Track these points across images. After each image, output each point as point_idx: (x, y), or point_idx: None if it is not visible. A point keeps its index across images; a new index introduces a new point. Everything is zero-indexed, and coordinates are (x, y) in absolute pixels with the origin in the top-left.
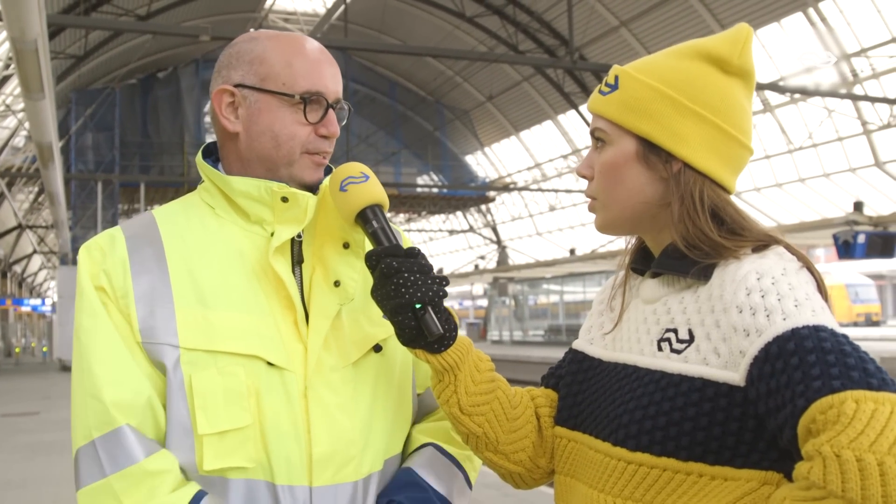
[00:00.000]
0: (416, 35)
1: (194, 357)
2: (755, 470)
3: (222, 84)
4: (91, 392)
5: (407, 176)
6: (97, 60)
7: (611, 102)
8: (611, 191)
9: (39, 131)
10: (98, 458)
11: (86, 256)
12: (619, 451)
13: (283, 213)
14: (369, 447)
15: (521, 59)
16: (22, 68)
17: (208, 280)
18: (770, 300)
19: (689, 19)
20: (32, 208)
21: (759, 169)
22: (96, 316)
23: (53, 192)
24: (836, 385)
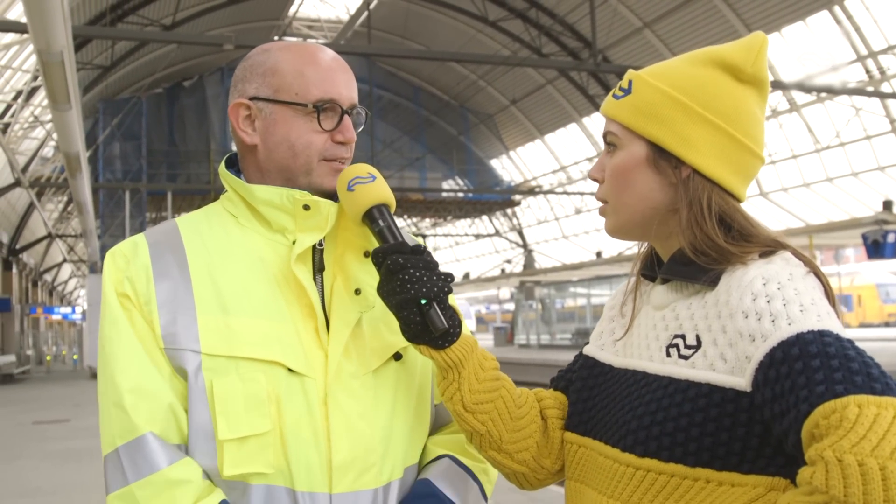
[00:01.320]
0: (439, 40)
1: (215, 363)
2: (762, 476)
3: (238, 98)
4: (114, 400)
5: (432, 181)
6: (124, 70)
7: (623, 106)
8: (620, 195)
9: (67, 142)
10: (122, 465)
11: (110, 263)
12: (628, 458)
13: (304, 221)
14: (389, 455)
15: (545, 62)
16: (49, 80)
17: (230, 287)
18: (776, 305)
19: (713, 20)
20: (62, 217)
21: (787, 169)
22: (118, 324)
23: (82, 201)
24: (840, 390)
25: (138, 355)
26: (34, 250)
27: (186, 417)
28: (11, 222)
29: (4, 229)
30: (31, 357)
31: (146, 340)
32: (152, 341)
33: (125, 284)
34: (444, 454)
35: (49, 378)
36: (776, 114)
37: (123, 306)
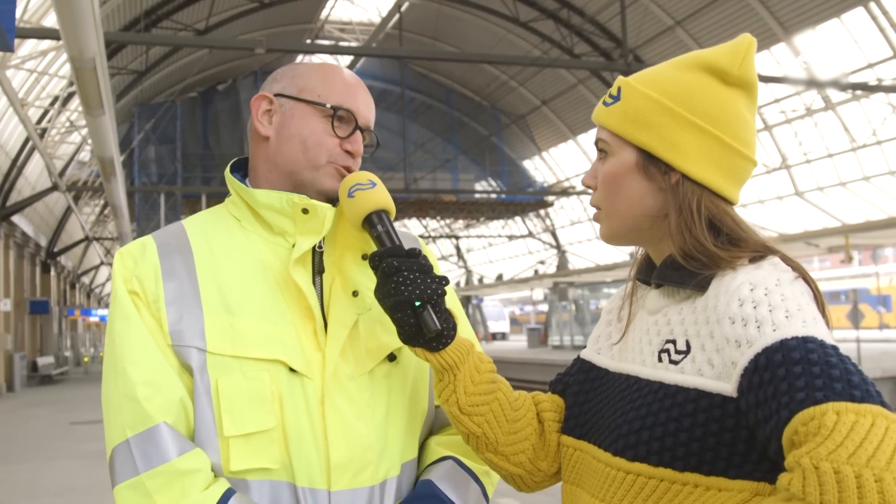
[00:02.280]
0: (470, 41)
1: (220, 361)
2: (748, 481)
3: (263, 92)
4: (125, 392)
5: (465, 182)
6: (158, 75)
7: (612, 114)
8: (612, 201)
9: (101, 146)
10: (132, 456)
11: (119, 263)
12: (619, 462)
13: (303, 225)
14: (386, 453)
15: (575, 63)
16: (81, 86)
17: (233, 288)
18: (761, 311)
19: (746, 18)
20: (98, 221)
21: (823, 168)
22: (129, 319)
23: (117, 205)
24: (819, 397)
25: (150, 349)
26: (72, 253)
27: (194, 412)
28: (49, 226)
29: (43, 233)
30: (69, 358)
31: (156, 336)
32: (161, 337)
33: (134, 282)
34: (448, 455)
35: (86, 379)
36: (811, 112)
37: (134, 303)
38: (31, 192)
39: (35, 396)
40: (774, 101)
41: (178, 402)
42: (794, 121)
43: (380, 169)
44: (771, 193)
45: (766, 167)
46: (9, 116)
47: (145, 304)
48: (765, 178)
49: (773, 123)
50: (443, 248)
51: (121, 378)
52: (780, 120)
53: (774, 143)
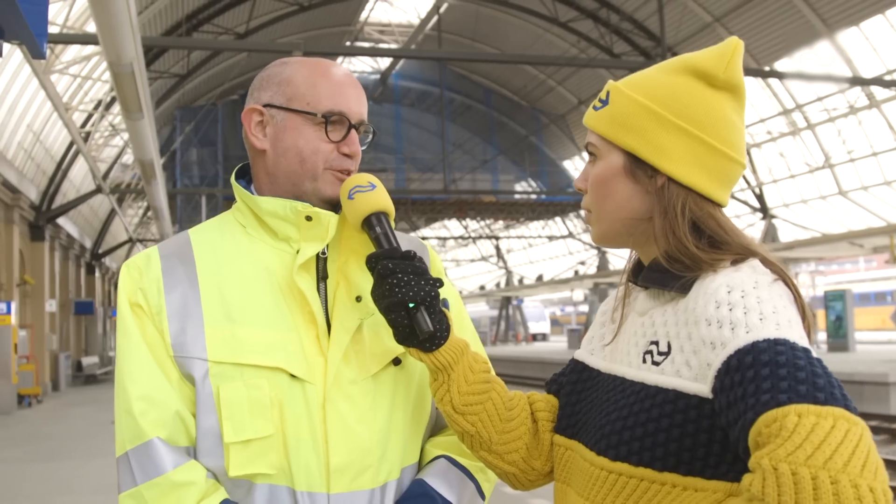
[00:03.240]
0: (509, 41)
1: (222, 370)
2: (723, 481)
3: (252, 104)
4: (124, 407)
5: (504, 183)
6: (200, 78)
7: (601, 117)
8: (601, 204)
9: (140, 149)
10: (131, 468)
11: (125, 275)
12: (603, 461)
13: (307, 232)
14: (386, 457)
15: (614, 62)
16: (121, 90)
17: (236, 296)
18: (736, 313)
19: (787, 14)
20: (142, 222)
21: (867, 166)
22: (128, 335)
23: (157, 207)
24: (783, 399)
25: (147, 364)
26: (116, 255)
27: (194, 421)
28: (94, 228)
29: (87, 234)
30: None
31: (156, 349)
32: (162, 349)
33: (138, 295)
34: (441, 455)
35: None
36: (854, 110)
37: (136, 315)
38: (76, 195)
39: (79, 395)
40: (817, 100)
41: (174, 415)
42: (838, 119)
43: (419, 170)
44: (814, 193)
45: (808, 166)
46: (53, 121)
47: (148, 316)
48: (808, 177)
49: (815, 122)
50: (483, 248)
51: (121, 393)
52: (823, 118)
53: (817, 142)
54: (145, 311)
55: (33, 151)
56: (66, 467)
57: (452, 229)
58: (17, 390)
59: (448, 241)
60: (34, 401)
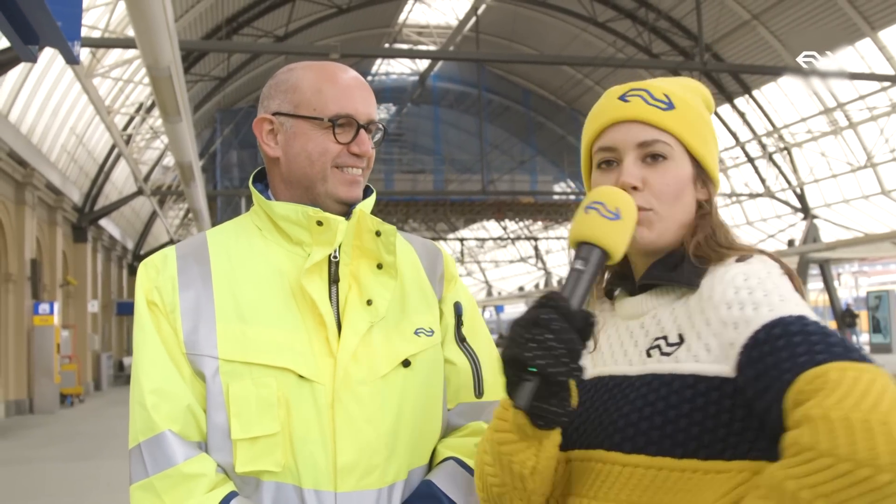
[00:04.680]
0: (546, 42)
1: (232, 368)
2: (745, 461)
3: (262, 114)
4: (138, 400)
5: (543, 183)
6: (239, 81)
7: (675, 120)
8: (671, 207)
9: (179, 152)
10: (143, 459)
11: (143, 274)
12: (615, 456)
13: (318, 236)
14: (394, 457)
15: (651, 62)
16: (159, 94)
17: (249, 297)
18: (757, 295)
19: (829, 12)
20: (182, 224)
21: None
22: (145, 330)
23: (197, 209)
24: (820, 359)
25: (161, 359)
26: None
27: (205, 417)
28: (136, 229)
29: (129, 236)
30: None
31: (170, 345)
32: (176, 346)
33: (154, 293)
34: (450, 456)
35: None
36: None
37: (152, 313)
38: (118, 197)
39: (120, 395)
40: (859, 98)
41: (186, 409)
42: (880, 118)
43: (457, 171)
44: (856, 192)
45: (850, 166)
46: (96, 124)
47: (163, 314)
48: (850, 176)
49: (857, 121)
50: (522, 249)
51: (135, 386)
52: (864, 117)
53: (859, 141)
54: (160, 309)
55: (76, 154)
56: (106, 466)
57: (491, 230)
58: (59, 390)
59: (487, 243)
60: (76, 400)
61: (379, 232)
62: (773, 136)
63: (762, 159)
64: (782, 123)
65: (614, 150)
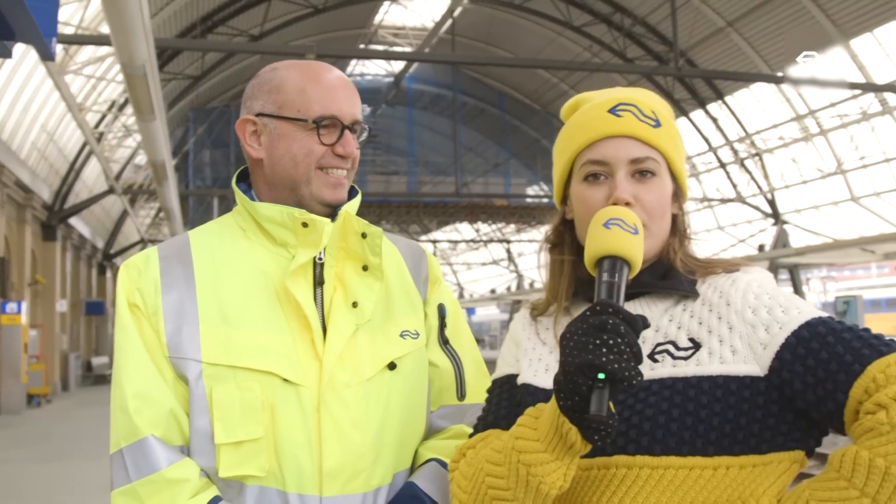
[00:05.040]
0: (522, 45)
1: (215, 371)
2: (781, 452)
3: (245, 114)
4: (120, 405)
5: (516, 186)
6: (214, 80)
7: (663, 137)
8: (659, 223)
9: (152, 151)
10: (125, 465)
11: (124, 275)
12: (643, 460)
13: (304, 238)
14: (380, 461)
15: (626, 67)
16: (133, 92)
17: (232, 299)
18: (780, 299)
19: (801, 19)
20: (154, 223)
21: (879, 172)
22: (126, 333)
23: (169, 208)
24: (884, 350)
25: (144, 362)
26: (127, 255)
27: (188, 421)
28: (106, 228)
29: (99, 235)
30: None
31: (152, 348)
32: (158, 349)
33: (136, 295)
34: (433, 458)
35: None
36: (867, 116)
37: (133, 315)
38: (89, 195)
39: (89, 396)
40: (830, 105)
41: (168, 413)
42: (850, 125)
43: (431, 172)
44: (826, 199)
45: (821, 172)
46: (67, 121)
47: (145, 316)
48: (820, 183)
49: (828, 128)
50: (494, 252)
51: (117, 390)
52: (835, 124)
53: (830, 148)
54: (142, 311)
55: (46, 151)
56: (73, 467)
57: (464, 232)
58: (26, 390)
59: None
60: (43, 400)
61: (365, 234)
62: (744, 141)
63: (734, 165)
64: (754, 129)
65: (605, 165)
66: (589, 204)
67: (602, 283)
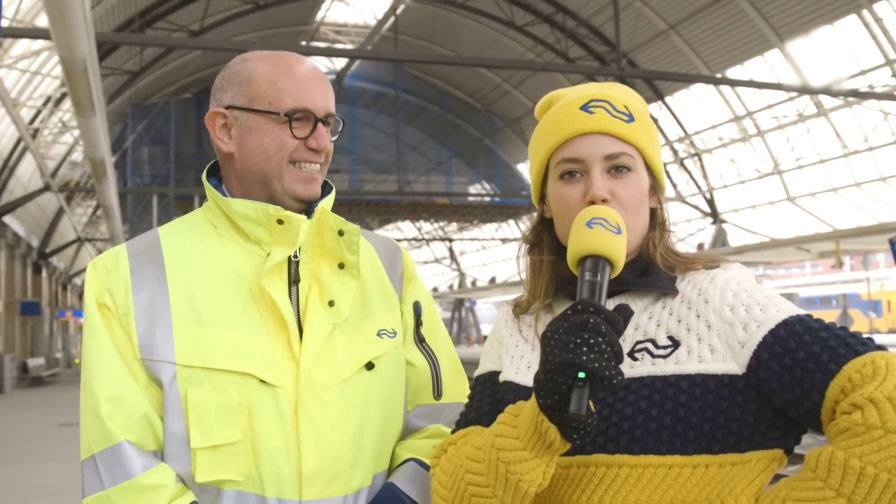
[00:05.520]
0: (465, 44)
1: (190, 373)
2: (762, 450)
3: (215, 107)
4: (91, 409)
5: (458, 185)
6: (152, 76)
7: (637, 132)
8: (636, 219)
9: (92, 147)
10: (98, 471)
11: (92, 274)
12: (622, 458)
13: (279, 235)
14: (359, 463)
15: (568, 67)
16: (72, 87)
17: (206, 298)
18: (758, 297)
19: (740, 22)
20: (91, 222)
21: (814, 174)
22: (97, 334)
23: (108, 206)
24: (860, 349)
25: (116, 365)
26: (63, 254)
27: (162, 425)
28: (41, 226)
29: (34, 233)
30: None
31: (124, 350)
32: (130, 351)
33: (105, 295)
34: (411, 458)
35: (77, 381)
36: (803, 118)
37: (103, 316)
38: (23, 193)
39: (25, 398)
40: (767, 107)
41: (142, 417)
42: (787, 126)
43: (373, 171)
44: (763, 199)
45: (758, 172)
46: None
47: (115, 317)
48: (757, 183)
49: (765, 129)
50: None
51: (88, 394)
52: (772, 126)
53: (767, 149)
54: (112, 312)
55: None
56: (13, 472)
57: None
58: None
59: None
60: None
61: (342, 231)
62: (684, 141)
63: (674, 164)
64: (694, 130)
65: (580, 162)
66: (566, 202)
67: (584, 283)
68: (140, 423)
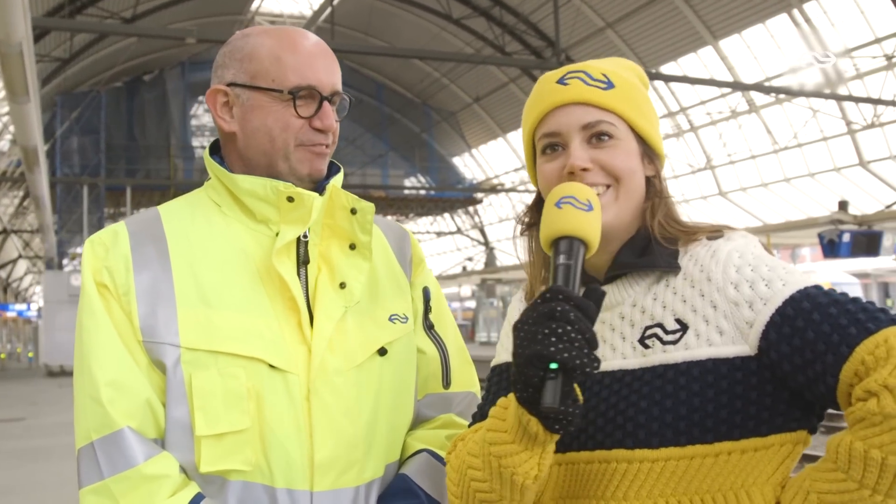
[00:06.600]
0: (402, 37)
1: (195, 357)
2: (783, 433)
3: (216, 84)
4: (90, 394)
5: (394, 178)
6: (83, 63)
7: (617, 98)
8: (628, 185)
9: (24, 135)
10: (96, 459)
11: (89, 252)
12: (642, 453)
13: (288, 213)
14: (372, 452)
15: (508, 60)
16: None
17: (211, 279)
18: (762, 271)
19: (674, 20)
20: (17, 212)
21: (746, 169)
22: (96, 315)
23: (39, 195)
24: (871, 328)
25: (116, 348)
26: None
27: (164, 412)
28: None
29: None
30: None
31: (124, 332)
32: (131, 333)
33: (104, 274)
34: (423, 448)
35: (3, 376)
36: (735, 114)
37: (102, 296)
38: None
39: None
40: (700, 103)
41: (144, 403)
42: (719, 122)
43: None
44: (695, 193)
45: (691, 167)
46: None
47: (115, 297)
48: (690, 177)
49: (698, 125)
50: None
51: (86, 378)
52: (705, 121)
53: (700, 144)
54: (111, 292)
55: None
56: None
57: None
58: None
59: None
60: None
61: (355, 209)
62: None
63: None
64: None
65: (559, 135)
66: (547, 177)
67: (557, 266)
68: (142, 410)
